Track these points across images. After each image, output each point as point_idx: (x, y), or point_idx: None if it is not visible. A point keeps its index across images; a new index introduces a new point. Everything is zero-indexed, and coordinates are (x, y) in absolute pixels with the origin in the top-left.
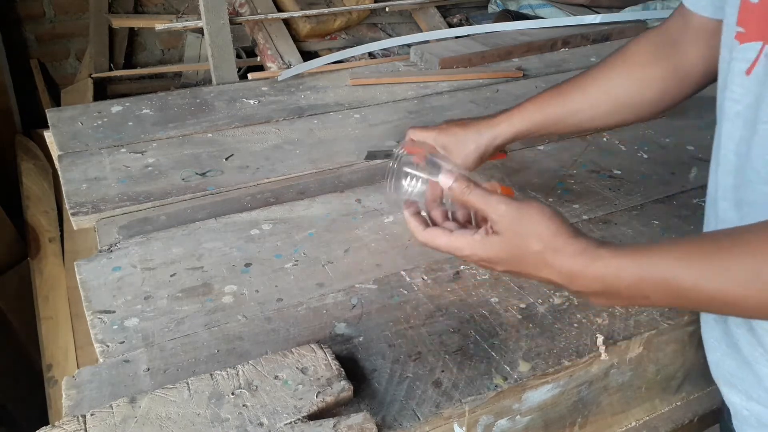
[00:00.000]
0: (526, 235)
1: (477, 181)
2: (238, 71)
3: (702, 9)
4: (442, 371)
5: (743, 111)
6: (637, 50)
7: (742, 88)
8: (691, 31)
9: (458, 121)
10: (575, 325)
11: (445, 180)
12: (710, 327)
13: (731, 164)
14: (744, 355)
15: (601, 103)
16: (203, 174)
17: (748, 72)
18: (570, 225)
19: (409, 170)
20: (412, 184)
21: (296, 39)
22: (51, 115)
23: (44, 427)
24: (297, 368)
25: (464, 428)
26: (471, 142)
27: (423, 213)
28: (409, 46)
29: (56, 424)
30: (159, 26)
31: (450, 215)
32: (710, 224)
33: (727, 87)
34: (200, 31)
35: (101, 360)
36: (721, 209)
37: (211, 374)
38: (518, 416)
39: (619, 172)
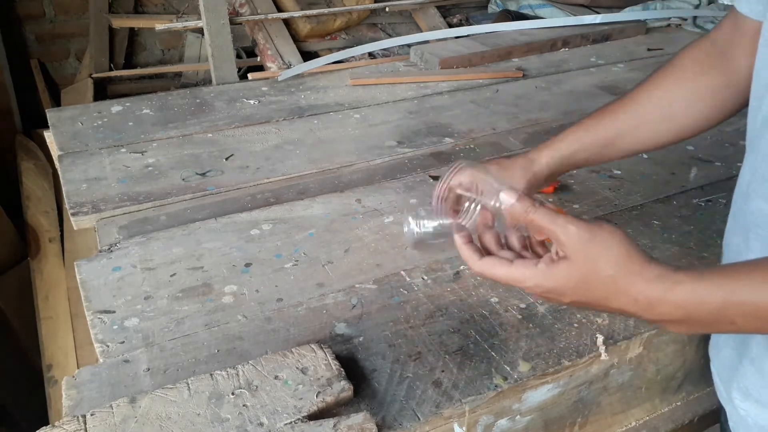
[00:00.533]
0: (598, 258)
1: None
2: (238, 71)
3: (758, 14)
4: (442, 371)
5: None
6: (684, 62)
7: None
8: (744, 38)
9: (504, 156)
10: (575, 325)
11: (506, 198)
12: None
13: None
14: (752, 354)
15: (652, 120)
16: (203, 174)
17: None
18: (642, 250)
19: (462, 192)
20: (466, 210)
21: (296, 39)
22: (51, 115)
23: (44, 427)
24: (297, 368)
25: (464, 428)
26: (518, 169)
27: (474, 241)
28: (409, 46)
29: (56, 424)
30: (159, 26)
31: (503, 240)
32: (737, 220)
33: None
34: (200, 31)
35: (101, 360)
36: (752, 200)
37: (211, 374)
38: (518, 416)
39: (619, 172)
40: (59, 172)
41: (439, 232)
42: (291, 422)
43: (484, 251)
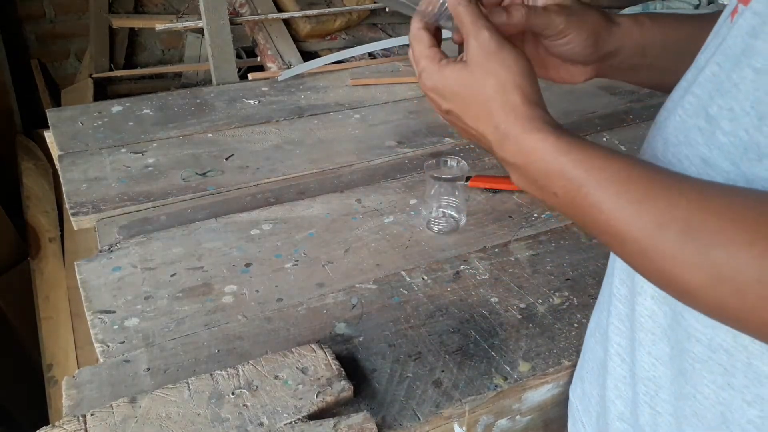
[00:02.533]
0: (490, 74)
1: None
2: (238, 71)
3: None
4: (442, 371)
5: (699, 60)
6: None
7: (717, 38)
8: None
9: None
10: (575, 325)
11: None
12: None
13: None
14: None
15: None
16: (203, 174)
17: (732, 16)
18: (538, 91)
19: None
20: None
21: (296, 39)
22: (51, 115)
23: (44, 427)
24: (297, 368)
25: (464, 428)
26: (590, 27)
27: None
28: (409, 45)
29: (56, 424)
30: (159, 26)
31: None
32: None
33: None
34: (200, 31)
35: (101, 360)
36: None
37: (211, 374)
38: (518, 416)
39: None
40: (59, 172)
41: None
42: (291, 422)
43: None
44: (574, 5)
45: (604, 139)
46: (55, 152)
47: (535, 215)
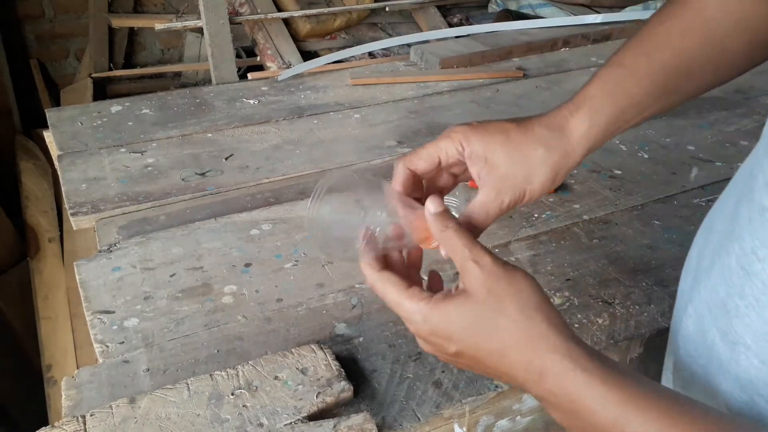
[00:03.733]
0: (504, 297)
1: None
2: (238, 71)
3: None
4: (443, 371)
5: None
6: None
7: None
8: None
9: (499, 123)
10: (575, 325)
11: (430, 206)
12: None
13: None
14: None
15: (726, 26)
16: (203, 174)
17: None
18: (557, 311)
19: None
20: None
21: (296, 39)
22: (51, 115)
23: (44, 428)
24: (297, 369)
25: (464, 429)
26: (540, 159)
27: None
28: (409, 46)
29: (56, 424)
30: (159, 26)
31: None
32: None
33: None
34: (200, 30)
35: (101, 360)
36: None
37: (210, 374)
38: (519, 417)
39: (619, 172)
40: (59, 172)
41: (348, 227)
42: (291, 423)
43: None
44: (507, 172)
45: None
46: (54, 152)
47: (536, 215)
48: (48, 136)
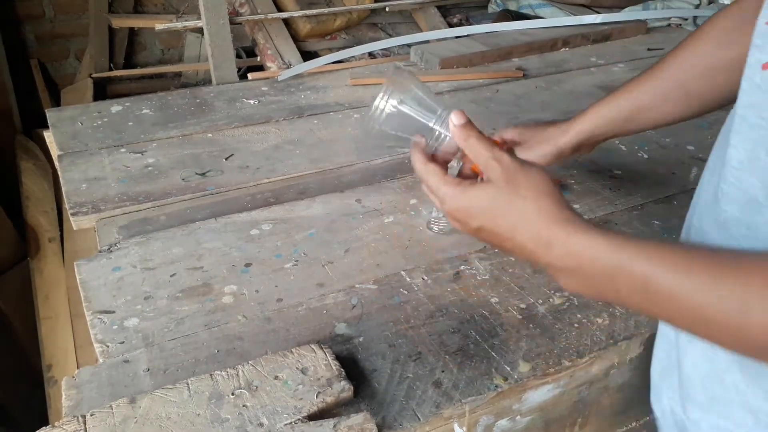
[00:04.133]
0: (519, 184)
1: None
2: (238, 71)
3: None
4: (443, 371)
5: (740, 110)
6: (710, 32)
7: (750, 84)
8: None
9: (537, 123)
10: (575, 325)
11: (454, 118)
12: None
13: (711, 169)
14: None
15: (671, 96)
16: (203, 174)
17: (765, 66)
18: (564, 198)
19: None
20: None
21: (296, 39)
22: (51, 115)
23: (44, 427)
24: (297, 368)
25: (464, 428)
26: (551, 139)
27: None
28: (409, 46)
29: (56, 424)
30: (159, 26)
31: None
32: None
33: (743, 77)
34: (200, 30)
35: (101, 360)
36: (701, 220)
37: (211, 374)
38: (518, 416)
39: (619, 172)
40: (59, 172)
41: (405, 127)
42: (291, 422)
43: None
44: (526, 134)
45: None
46: (54, 152)
47: None
48: (48, 136)
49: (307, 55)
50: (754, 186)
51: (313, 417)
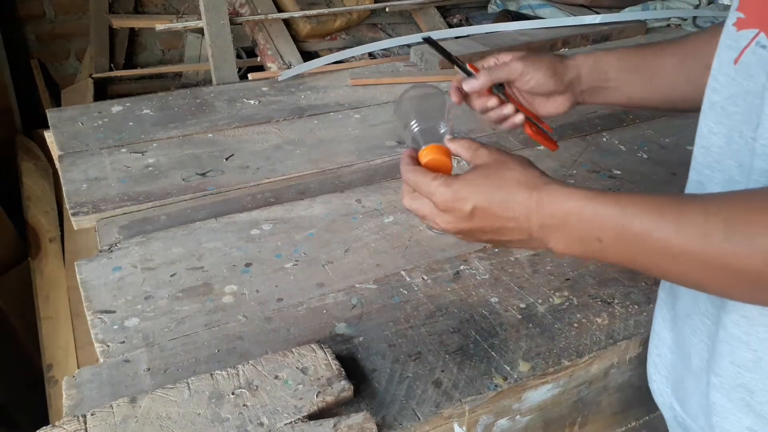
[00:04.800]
0: (506, 160)
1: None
2: (239, 71)
3: None
4: (442, 371)
5: (720, 102)
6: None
7: (726, 78)
8: None
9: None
10: (575, 325)
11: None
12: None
13: (697, 160)
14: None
15: (695, 66)
16: (203, 174)
17: (736, 61)
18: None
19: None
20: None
21: (296, 39)
22: (51, 115)
23: (44, 427)
24: (297, 368)
25: (464, 428)
26: (547, 58)
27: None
28: (409, 46)
29: (56, 424)
30: (159, 26)
31: None
32: None
33: (713, 75)
34: (200, 31)
35: (101, 360)
36: None
37: (211, 374)
38: (518, 416)
39: (619, 172)
40: (59, 172)
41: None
42: (291, 422)
43: None
44: (527, 54)
45: (604, 139)
46: (55, 152)
47: None
48: (49, 136)
49: (308, 56)
50: (731, 167)
51: (314, 416)
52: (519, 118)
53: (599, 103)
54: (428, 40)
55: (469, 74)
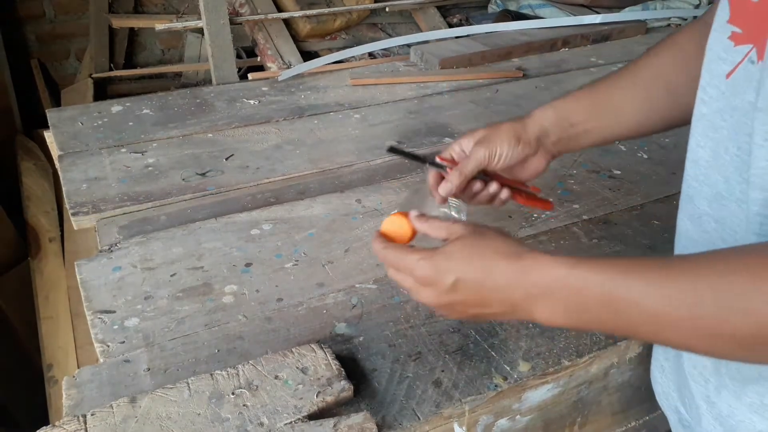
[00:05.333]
0: (484, 231)
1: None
2: (238, 71)
3: None
4: (442, 371)
5: (708, 114)
6: (682, 37)
7: (716, 91)
8: None
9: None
10: None
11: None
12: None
13: (687, 172)
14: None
15: (652, 90)
16: (203, 174)
17: (728, 75)
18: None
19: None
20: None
21: (296, 39)
22: (51, 115)
23: (44, 427)
24: (297, 368)
25: (464, 428)
26: (506, 127)
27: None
28: (409, 46)
29: (56, 423)
30: (159, 26)
31: None
32: (680, 234)
33: (703, 87)
34: (200, 31)
35: (101, 360)
36: (679, 218)
37: (211, 374)
38: (518, 416)
39: (619, 172)
40: (59, 172)
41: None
42: (291, 422)
43: None
44: (485, 133)
45: None
46: (55, 152)
47: (535, 215)
48: (49, 136)
49: (307, 56)
50: (718, 182)
51: (313, 416)
52: (504, 193)
53: (578, 150)
54: (392, 149)
55: (442, 167)
